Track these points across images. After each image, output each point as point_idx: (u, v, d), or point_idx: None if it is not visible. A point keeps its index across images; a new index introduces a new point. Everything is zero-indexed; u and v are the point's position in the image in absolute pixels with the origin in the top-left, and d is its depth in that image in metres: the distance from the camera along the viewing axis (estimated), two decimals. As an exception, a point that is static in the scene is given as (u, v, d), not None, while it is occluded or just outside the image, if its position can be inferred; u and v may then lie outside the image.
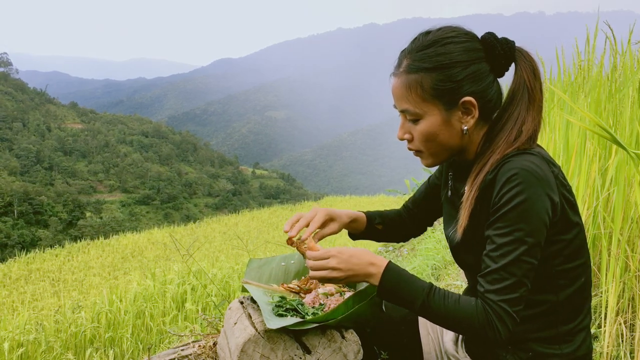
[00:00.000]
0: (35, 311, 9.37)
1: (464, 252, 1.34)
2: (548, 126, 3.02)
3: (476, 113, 1.26)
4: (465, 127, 1.27)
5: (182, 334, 2.67)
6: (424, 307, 1.21)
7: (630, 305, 2.08)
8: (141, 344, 5.44)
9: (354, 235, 1.69)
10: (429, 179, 1.66)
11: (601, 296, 2.12)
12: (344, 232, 1.68)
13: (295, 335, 1.34)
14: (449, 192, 1.45)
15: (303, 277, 1.63)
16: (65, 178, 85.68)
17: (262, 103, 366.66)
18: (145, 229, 38.67)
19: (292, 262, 1.72)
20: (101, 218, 67.35)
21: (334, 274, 1.29)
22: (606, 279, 2.06)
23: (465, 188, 1.28)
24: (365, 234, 1.67)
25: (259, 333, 1.32)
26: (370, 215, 1.67)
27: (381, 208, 1.83)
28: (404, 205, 1.74)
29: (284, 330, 1.32)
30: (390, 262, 1.28)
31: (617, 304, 2.03)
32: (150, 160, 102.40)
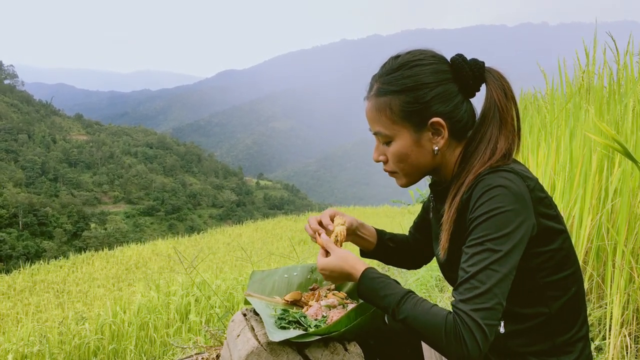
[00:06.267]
0: (39, 323, 9.36)
1: (449, 271, 1.37)
2: (551, 137, 3.01)
3: (446, 133, 1.28)
4: (436, 148, 1.29)
5: (186, 346, 2.66)
6: (396, 313, 1.19)
7: (635, 317, 2.07)
8: (145, 355, 5.42)
9: (364, 253, 1.69)
10: (423, 202, 1.67)
11: (606, 308, 2.11)
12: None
13: (298, 347, 1.34)
14: (431, 213, 1.48)
15: (309, 289, 1.64)
16: (70, 189, 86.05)
17: (266, 114, 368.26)
18: (149, 240, 38.67)
19: (295, 274, 1.72)
20: (105, 229, 67.59)
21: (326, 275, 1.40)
22: (610, 290, 2.05)
23: (444, 209, 1.30)
24: (377, 252, 1.66)
25: (261, 345, 1.32)
26: (379, 230, 1.67)
27: (385, 218, 1.86)
28: (409, 231, 1.73)
29: (286, 343, 1.32)
30: (367, 269, 1.30)
31: (622, 315, 2.02)
32: (155, 172, 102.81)
